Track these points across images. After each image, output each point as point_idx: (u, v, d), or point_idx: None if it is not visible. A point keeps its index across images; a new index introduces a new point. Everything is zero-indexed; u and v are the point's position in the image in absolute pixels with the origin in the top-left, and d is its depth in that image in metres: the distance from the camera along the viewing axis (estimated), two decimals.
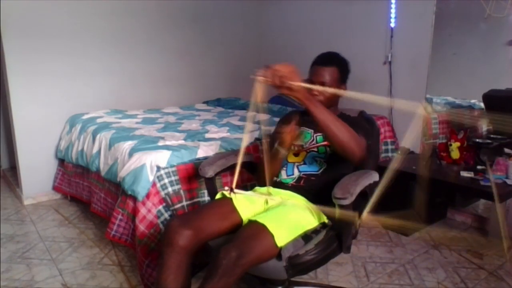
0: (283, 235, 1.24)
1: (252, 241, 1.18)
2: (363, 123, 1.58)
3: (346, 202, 1.26)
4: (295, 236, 1.29)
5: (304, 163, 1.56)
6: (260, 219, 1.25)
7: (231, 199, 1.43)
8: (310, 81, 1.53)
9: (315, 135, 1.61)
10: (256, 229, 1.22)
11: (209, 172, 1.60)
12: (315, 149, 1.57)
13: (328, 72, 1.53)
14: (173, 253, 1.25)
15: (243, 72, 3.91)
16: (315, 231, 1.39)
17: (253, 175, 1.84)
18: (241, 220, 1.39)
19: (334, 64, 1.55)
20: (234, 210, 1.40)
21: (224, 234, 1.37)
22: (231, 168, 1.69)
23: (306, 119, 1.68)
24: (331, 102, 1.59)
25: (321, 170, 1.53)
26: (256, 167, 1.72)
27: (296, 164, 1.57)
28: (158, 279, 1.26)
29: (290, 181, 1.54)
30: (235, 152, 1.89)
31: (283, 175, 1.57)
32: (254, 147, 2.18)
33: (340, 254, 1.45)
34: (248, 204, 1.45)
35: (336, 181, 1.47)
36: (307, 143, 1.60)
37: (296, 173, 1.55)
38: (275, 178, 1.61)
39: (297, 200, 1.48)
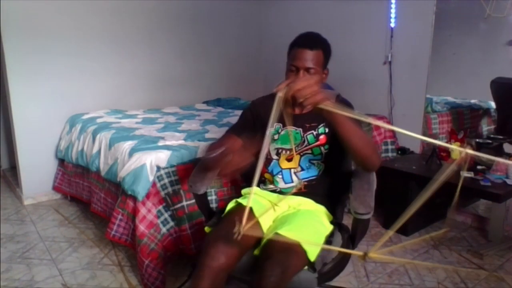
0: (314, 249, 1.21)
1: (291, 256, 1.15)
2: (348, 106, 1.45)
3: (369, 216, 1.28)
4: (321, 246, 1.26)
5: (302, 169, 1.45)
6: (289, 233, 1.19)
7: (251, 209, 1.28)
8: (291, 66, 1.36)
9: (305, 135, 1.45)
10: (290, 244, 1.17)
11: (202, 189, 1.49)
12: (309, 151, 1.44)
13: (314, 56, 1.34)
14: (212, 273, 1.17)
15: (243, 72, 3.96)
16: (332, 234, 1.37)
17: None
18: (263, 232, 1.32)
19: (319, 47, 1.36)
20: (257, 223, 1.30)
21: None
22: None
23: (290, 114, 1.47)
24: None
25: (320, 173, 1.46)
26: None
27: (293, 170, 1.45)
28: None
29: (290, 190, 1.45)
30: None
31: (281, 183, 1.47)
32: None
33: None
34: (265, 215, 1.37)
35: (337, 180, 1.48)
36: (298, 145, 1.46)
37: (296, 180, 1.45)
38: (272, 186, 1.51)
39: (308, 204, 1.42)
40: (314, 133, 1.44)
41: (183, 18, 3.52)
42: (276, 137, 1.48)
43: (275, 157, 1.48)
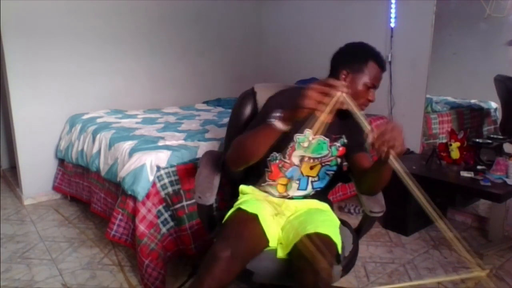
0: (339, 242, 1.26)
1: (329, 250, 1.18)
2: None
3: (381, 214, 1.38)
4: (340, 238, 1.31)
5: (318, 179, 1.45)
6: (320, 230, 1.23)
7: (256, 216, 1.27)
8: (367, 82, 1.34)
9: (330, 145, 1.40)
10: (325, 242, 1.20)
11: (211, 199, 1.43)
12: (329, 162, 1.43)
13: None
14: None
15: (243, 72, 3.96)
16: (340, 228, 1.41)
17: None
18: (267, 240, 1.28)
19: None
20: (263, 232, 1.27)
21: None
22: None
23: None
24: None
25: (329, 181, 1.50)
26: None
27: (311, 179, 1.44)
28: None
29: (300, 198, 1.45)
30: (218, 168, 1.56)
31: (294, 189, 1.43)
32: None
33: None
34: (270, 222, 1.31)
35: (332, 184, 1.55)
36: (323, 155, 1.41)
37: (310, 189, 1.45)
38: (279, 193, 1.44)
39: (314, 204, 1.45)
40: (337, 145, 1.41)
41: (184, 18, 3.52)
42: (305, 144, 1.38)
43: (296, 163, 1.41)
